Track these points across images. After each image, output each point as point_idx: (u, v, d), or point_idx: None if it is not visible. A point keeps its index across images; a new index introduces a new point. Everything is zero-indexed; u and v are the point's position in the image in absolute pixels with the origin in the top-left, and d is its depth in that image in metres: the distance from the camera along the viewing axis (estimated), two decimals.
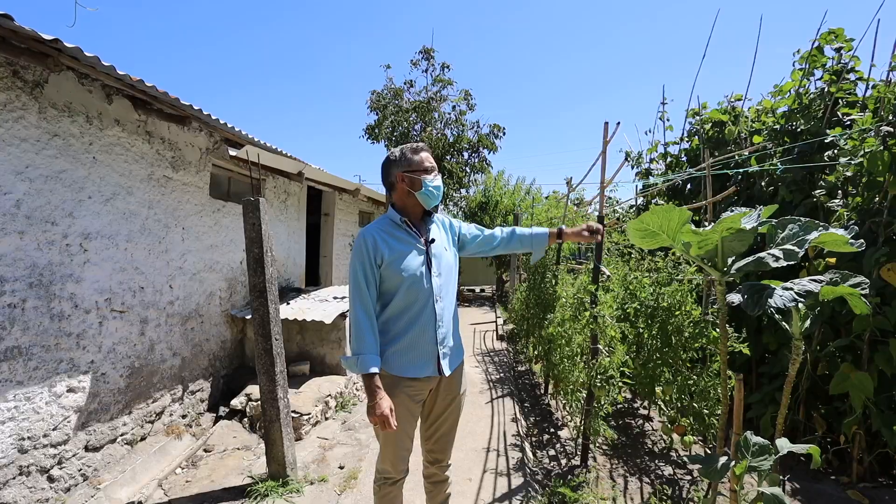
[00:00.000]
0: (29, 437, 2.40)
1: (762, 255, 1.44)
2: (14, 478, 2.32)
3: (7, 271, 2.31)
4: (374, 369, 1.55)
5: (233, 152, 3.61)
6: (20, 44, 2.18)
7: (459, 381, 1.79)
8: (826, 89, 3.58)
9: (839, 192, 3.14)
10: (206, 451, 3.32)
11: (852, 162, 2.96)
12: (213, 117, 3.42)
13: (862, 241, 1.35)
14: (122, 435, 3.04)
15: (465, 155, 11.16)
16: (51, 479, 2.52)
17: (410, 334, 1.62)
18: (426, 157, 1.72)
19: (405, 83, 11.05)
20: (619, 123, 2.74)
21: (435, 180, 1.71)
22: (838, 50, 3.62)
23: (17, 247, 2.36)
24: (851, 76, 3.56)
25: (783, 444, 1.44)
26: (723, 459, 1.50)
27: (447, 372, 1.68)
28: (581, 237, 1.84)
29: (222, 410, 3.87)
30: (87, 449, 2.77)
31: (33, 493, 2.41)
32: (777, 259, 1.41)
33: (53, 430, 2.55)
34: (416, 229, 1.71)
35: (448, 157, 10.74)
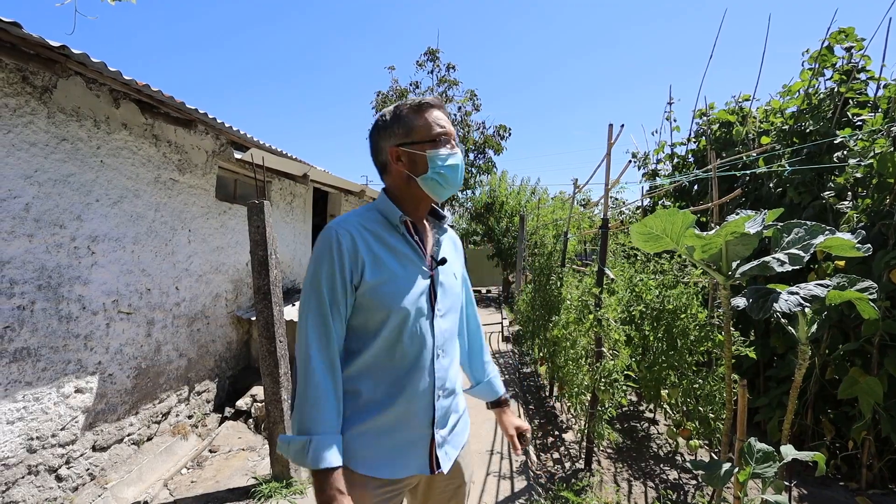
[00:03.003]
0: (37, 437, 2.44)
1: (767, 259, 1.42)
2: (23, 477, 2.36)
3: (17, 274, 2.35)
4: (337, 462, 0.95)
5: (238, 155, 3.64)
6: (29, 50, 2.21)
7: (465, 465, 1.20)
8: (836, 89, 3.53)
9: (849, 193, 3.10)
10: (211, 451, 3.34)
11: (862, 163, 2.91)
12: (219, 121, 3.45)
13: (869, 245, 1.33)
14: (128, 435, 3.07)
15: (471, 156, 11.17)
16: (59, 479, 2.55)
17: (392, 408, 1.02)
18: (437, 119, 1.09)
19: (411, 84, 11.08)
20: (622, 126, 2.72)
21: (451, 156, 1.08)
22: (849, 49, 3.56)
23: (26, 249, 2.40)
24: (862, 76, 3.50)
25: (788, 451, 1.42)
26: (726, 466, 1.48)
27: (447, 465, 1.08)
28: (507, 431, 1.33)
29: (228, 411, 3.90)
30: (94, 449, 2.80)
31: (41, 491, 2.44)
32: (782, 263, 1.39)
33: (61, 430, 2.58)
34: (419, 237, 1.11)
35: None
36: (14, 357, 2.33)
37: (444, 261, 1.11)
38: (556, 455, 3.24)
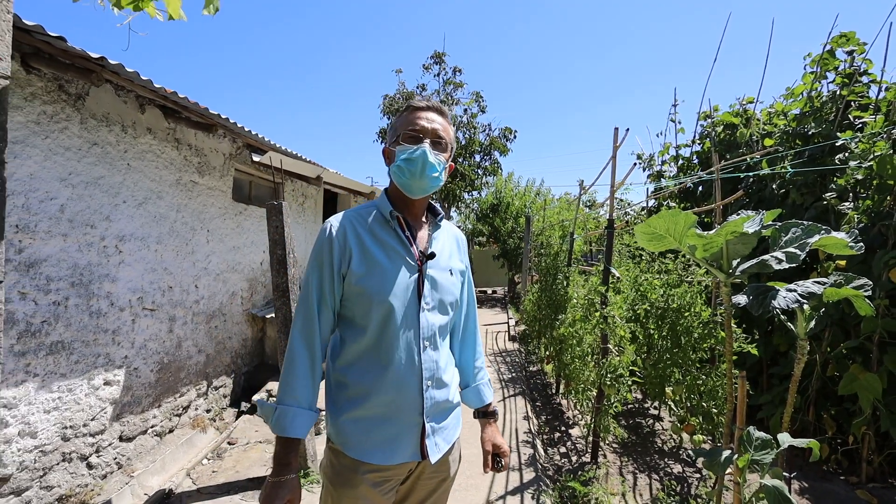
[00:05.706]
0: (71, 426, 2.57)
1: (766, 257, 1.51)
2: (58, 463, 2.49)
3: (53, 271, 2.48)
4: (294, 432, 1.03)
5: (256, 158, 3.77)
6: (66, 60, 2.34)
7: (452, 460, 1.23)
8: (838, 92, 3.60)
9: (850, 195, 3.17)
10: (229, 443, 3.47)
11: (863, 165, 2.99)
12: (239, 125, 3.58)
13: (861, 244, 1.41)
14: (151, 427, 3.20)
15: (477, 158, 11.27)
16: (90, 466, 2.68)
17: (380, 398, 1.08)
18: (415, 118, 1.16)
19: (417, 86, 11.21)
20: (627, 129, 2.82)
21: (413, 150, 1.11)
22: (850, 53, 3.63)
23: (61, 248, 2.53)
24: (864, 79, 3.57)
25: (784, 439, 1.50)
26: (726, 453, 1.57)
27: (435, 455, 1.13)
28: (484, 445, 1.31)
29: (244, 405, 4.03)
30: (121, 439, 2.93)
31: (74, 478, 2.57)
32: (780, 262, 1.48)
33: (92, 420, 2.71)
34: (409, 232, 1.17)
35: (460, 160, 10.86)
36: (50, 350, 2.46)
37: (432, 255, 1.15)
38: (562, 449, 3.33)
